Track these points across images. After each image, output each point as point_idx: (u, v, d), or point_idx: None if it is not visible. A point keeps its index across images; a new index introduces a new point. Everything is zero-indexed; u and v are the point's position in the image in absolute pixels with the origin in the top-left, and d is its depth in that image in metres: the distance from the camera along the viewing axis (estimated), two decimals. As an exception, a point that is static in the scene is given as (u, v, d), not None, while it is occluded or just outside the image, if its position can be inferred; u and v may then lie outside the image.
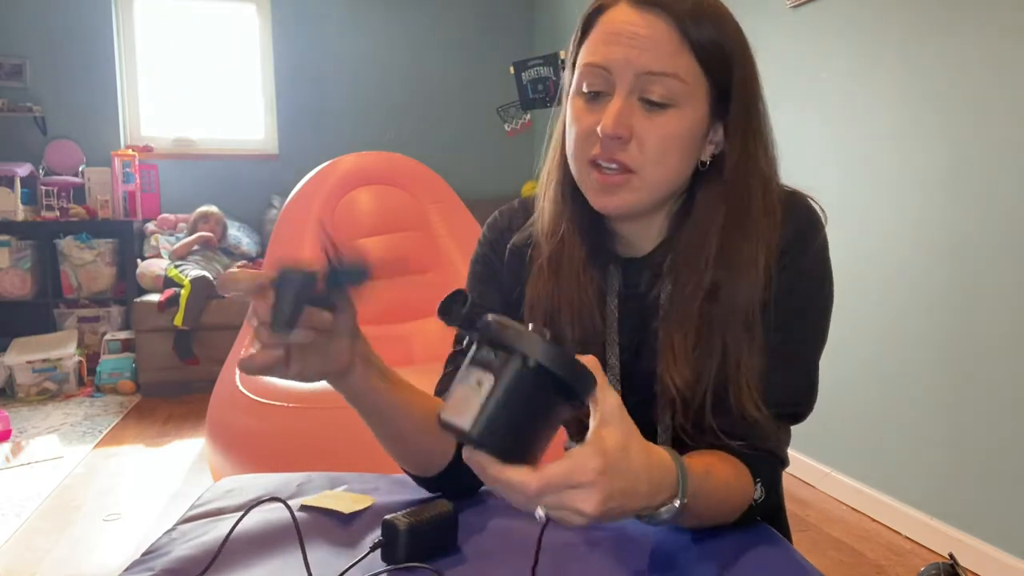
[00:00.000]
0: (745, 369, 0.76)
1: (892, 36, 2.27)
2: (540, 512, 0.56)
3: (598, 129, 0.74)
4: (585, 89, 0.77)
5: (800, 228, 0.80)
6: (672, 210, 0.83)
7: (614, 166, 0.75)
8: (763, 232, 0.77)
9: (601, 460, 0.55)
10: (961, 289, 2.07)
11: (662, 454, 0.62)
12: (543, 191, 0.87)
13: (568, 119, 0.80)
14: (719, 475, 0.72)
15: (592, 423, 0.57)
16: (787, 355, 0.79)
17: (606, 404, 0.57)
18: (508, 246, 0.90)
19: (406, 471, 0.85)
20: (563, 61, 4.36)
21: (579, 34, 0.79)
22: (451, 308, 0.57)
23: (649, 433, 0.85)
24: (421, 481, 0.85)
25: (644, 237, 0.84)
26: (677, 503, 0.63)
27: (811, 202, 0.82)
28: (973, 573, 1.98)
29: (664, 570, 0.70)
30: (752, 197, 0.78)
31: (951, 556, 1.83)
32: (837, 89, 2.50)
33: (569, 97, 0.80)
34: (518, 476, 0.55)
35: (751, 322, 0.77)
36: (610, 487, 0.56)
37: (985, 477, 2.03)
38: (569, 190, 0.83)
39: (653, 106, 0.74)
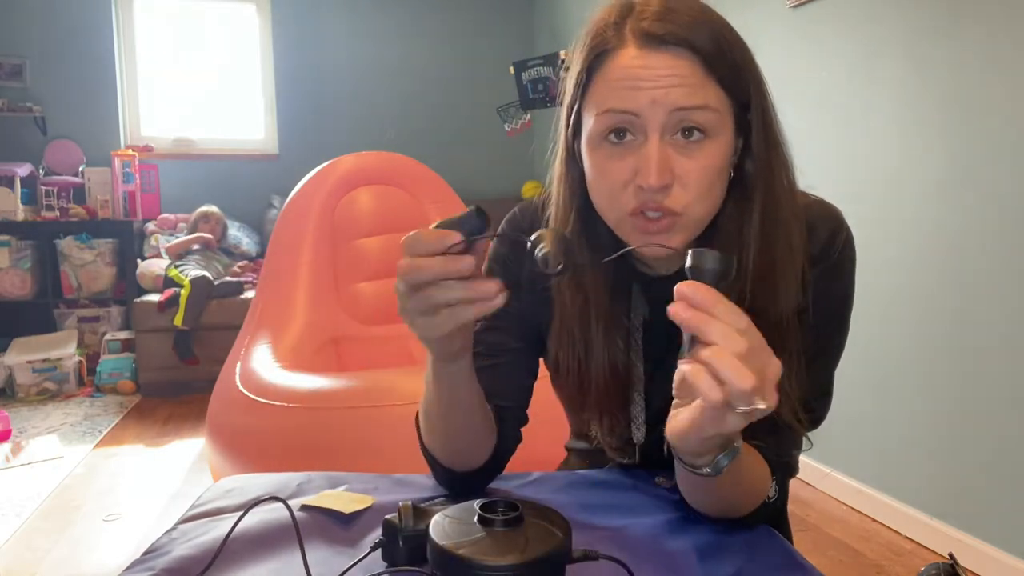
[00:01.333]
0: (784, 377, 0.76)
1: (892, 36, 2.27)
2: (760, 403, 0.55)
3: (639, 183, 0.71)
4: (610, 135, 0.73)
5: (830, 238, 0.79)
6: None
7: (660, 213, 0.73)
8: (796, 237, 0.76)
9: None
10: (961, 289, 2.08)
11: None
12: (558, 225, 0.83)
13: (591, 170, 0.76)
14: (751, 452, 0.74)
15: None
16: (810, 363, 0.79)
17: None
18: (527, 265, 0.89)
19: (437, 463, 0.84)
20: (563, 62, 4.36)
21: (583, 79, 0.75)
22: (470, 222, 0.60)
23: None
24: (445, 474, 0.85)
25: (670, 258, 0.82)
26: (738, 443, 0.64)
27: (840, 213, 0.81)
28: (973, 573, 1.98)
29: (664, 570, 0.70)
30: (780, 203, 0.76)
31: (951, 556, 1.83)
32: (837, 89, 2.50)
33: (584, 145, 0.76)
34: (746, 318, 0.56)
35: (787, 329, 0.76)
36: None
37: (985, 477, 2.03)
38: (589, 236, 0.81)
39: (689, 143, 0.71)
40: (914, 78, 2.20)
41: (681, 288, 0.56)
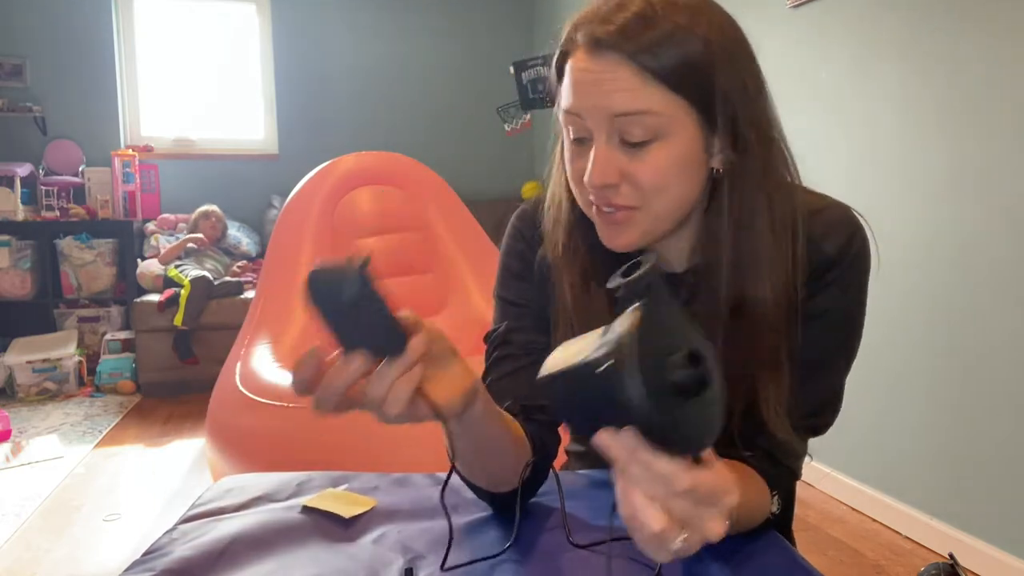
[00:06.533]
0: (773, 391, 0.74)
1: (892, 36, 2.27)
2: (677, 544, 0.51)
3: (585, 181, 0.73)
4: (571, 136, 0.75)
5: (846, 242, 0.77)
6: (698, 223, 0.79)
7: (613, 209, 0.74)
8: (780, 238, 0.74)
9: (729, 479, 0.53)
10: (962, 288, 2.08)
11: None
12: (553, 215, 0.84)
13: (566, 165, 0.79)
14: (748, 493, 0.70)
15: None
16: (819, 369, 0.78)
17: None
18: (537, 258, 0.87)
19: (473, 486, 0.81)
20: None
21: (556, 77, 0.78)
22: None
23: None
24: (484, 495, 0.82)
25: (675, 252, 0.82)
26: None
27: (857, 215, 0.80)
28: (973, 573, 1.98)
29: (665, 571, 0.70)
30: (751, 201, 0.74)
31: (951, 556, 1.83)
32: (837, 89, 2.50)
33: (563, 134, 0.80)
34: (670, 467, 0.50)
35: (778, 340, 0.74)
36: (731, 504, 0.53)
37: (985, 477, 2.03)
38: (577, 223, 0.82)
39: (636, 145, 0.71)
40: (914, 78, 2.20)
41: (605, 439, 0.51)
